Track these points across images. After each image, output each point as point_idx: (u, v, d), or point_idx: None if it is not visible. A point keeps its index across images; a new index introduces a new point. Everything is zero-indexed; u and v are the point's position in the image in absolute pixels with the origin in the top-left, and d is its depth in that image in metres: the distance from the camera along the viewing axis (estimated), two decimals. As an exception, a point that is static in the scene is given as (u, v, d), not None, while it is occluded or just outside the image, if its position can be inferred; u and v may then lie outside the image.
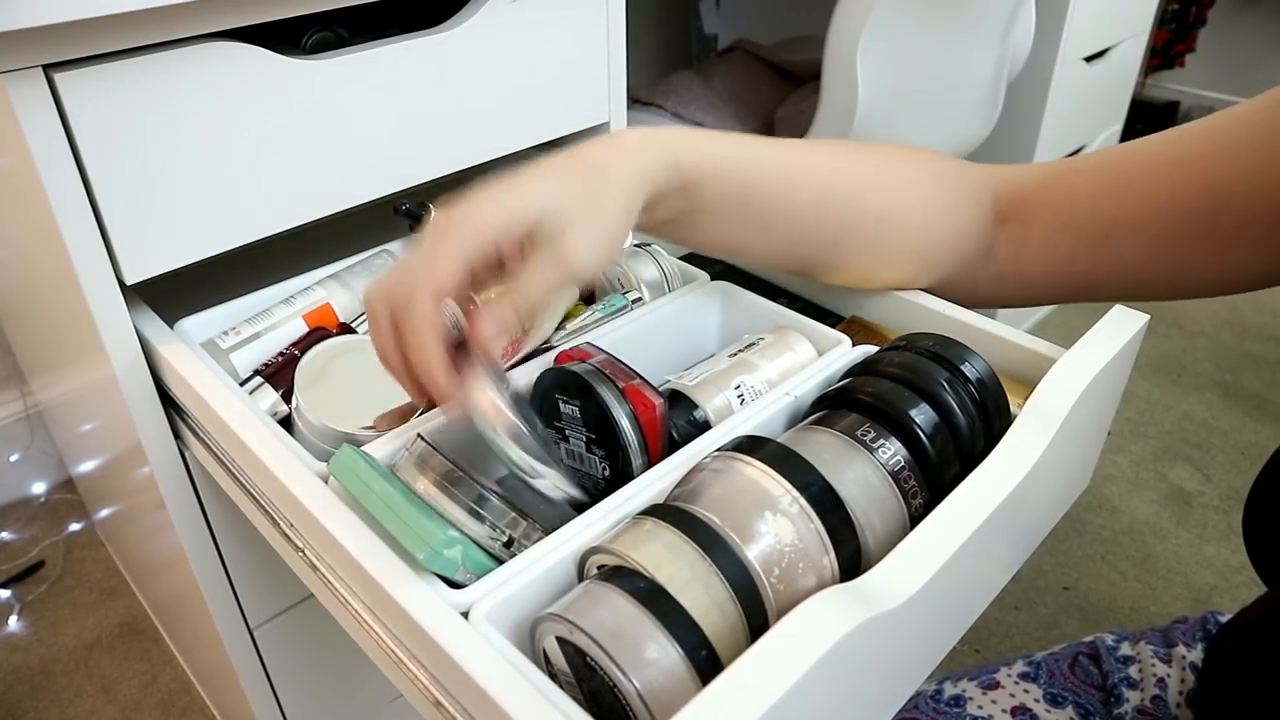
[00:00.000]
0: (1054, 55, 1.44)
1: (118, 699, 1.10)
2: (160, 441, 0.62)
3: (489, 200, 0.42)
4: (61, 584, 1.26)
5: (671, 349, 0.58)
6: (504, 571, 0.38)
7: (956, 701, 0.59)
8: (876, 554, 0.37)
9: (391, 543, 0.39)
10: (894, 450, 0.41)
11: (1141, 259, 0.49)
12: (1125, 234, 0.49)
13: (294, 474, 0.44)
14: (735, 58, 1.40)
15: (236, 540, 0.70)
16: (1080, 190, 0.51)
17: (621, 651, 0.32)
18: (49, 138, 0.50)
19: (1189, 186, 0.47)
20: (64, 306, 0.63)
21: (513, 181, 0.43)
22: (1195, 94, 2.72)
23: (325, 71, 0.59)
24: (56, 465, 1.41)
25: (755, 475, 0.38)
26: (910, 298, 0.55)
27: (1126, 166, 0.50)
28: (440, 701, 0.36)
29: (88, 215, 0.53)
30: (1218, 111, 0.49)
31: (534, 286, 0.42)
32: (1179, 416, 1.63)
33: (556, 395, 0.48)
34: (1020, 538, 0.46)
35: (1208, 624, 0.61)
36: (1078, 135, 1.67)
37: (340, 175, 0.63)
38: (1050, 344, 0.49)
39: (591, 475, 0.48)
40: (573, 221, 0.42)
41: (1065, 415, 0.42)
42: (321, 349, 0.52)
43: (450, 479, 0.41)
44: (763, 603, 0.35)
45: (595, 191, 0.43)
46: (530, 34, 0.69)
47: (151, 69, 0.52)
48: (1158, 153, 0.49)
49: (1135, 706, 0.57)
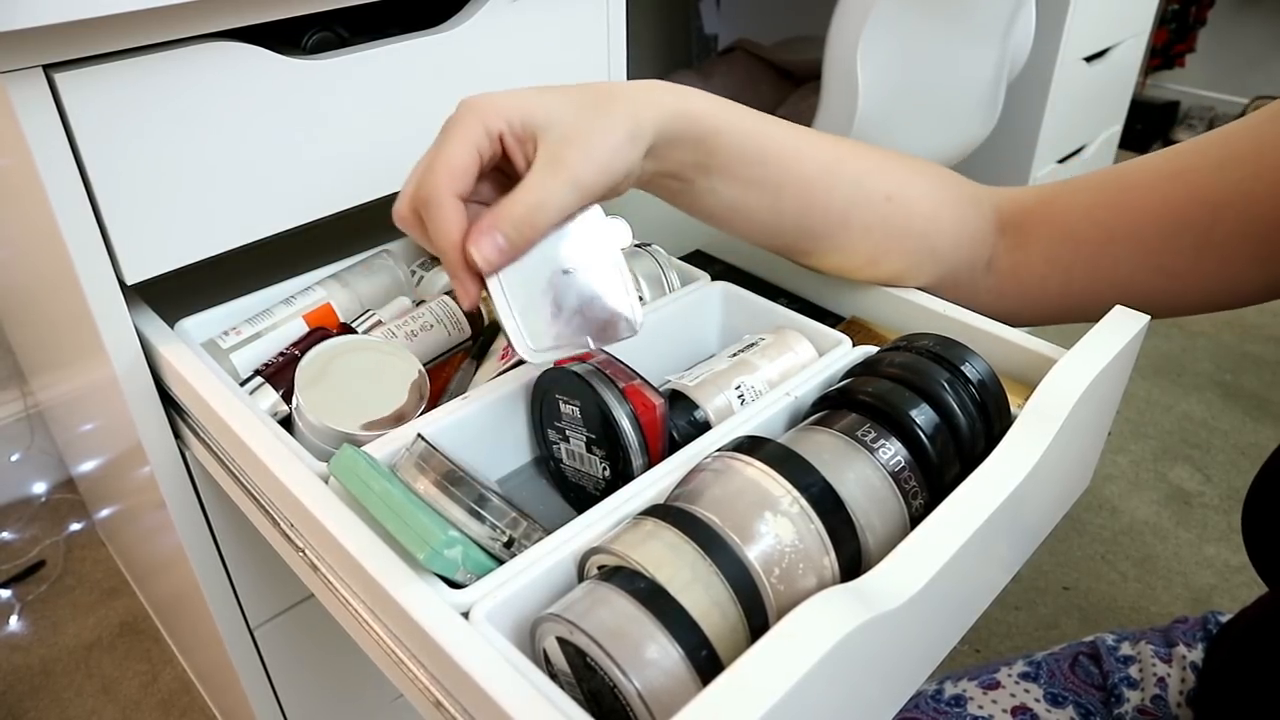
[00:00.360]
0: (1054, 55, 1.44)
1: (118, 699, 1.10)
2: (160, 441, 0.62)
3: (499, 94, 0.44)
4: (62, 584, 1.26)
5: (672, 349, 0.58)
6: (504, 571, 0.38)
7: (957, 701, 0.60)
8: (877, 554, 0.37)
9: (392, 543, 0.39)
10: (894, 450, 0.41)
11: (1139, 272, 0.50)
12: (1121, 247, 0.50)
13: (294, 474, 0.44)
14: (735, 58, 1.40)
15: (237, 540, 0.70)
16: (1077, 206, 0.52)
17: (622, 652, 0.32)
18: (49, 138, 0.50)
19: (1181, 200, 0.48)
20: (64, 306, 0.63)
21: (524, 88, 0.45)
22: (1195, 94, 2.72)
23: (325, 71, 0.59)
24: (57, 465, 1.41)
25: (756, 475, 0.38)
26: (910, 298, 0.55)
27: (1121, 182, 0.51)
28: (440, 702, 0.36)
29: (88, 215, 0.53)
30: (1216, 128, 0.49)
31: (529, 193, 0.43)
32: (1179, 416, 1.63)
33: (556, 395, 0.48)
34: (1020, 538, 0.46)
35: (1208, 624, 0.61)
36: (1078, 135, 1.67)
37: (340, 175, 0.63)
38: (1051, 344, 0.49)
39: (592, 475, 0.48)
40: (575, 135, 0.43)
41: (1066, 416, 0.42)
42: (322, 349, 0.52)
43: (451, 479, 0.41)
44: (763, 603, 0.35)
45: (602, 112, 0.44)
46: (530, 34, 0.69)
47: (151, 69, 0.52)
48: (1152, 168, 0.50)
49: (1136, 706, 0.57)
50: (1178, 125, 2.70)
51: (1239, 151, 0.46)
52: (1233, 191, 0.46)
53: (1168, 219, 0.48)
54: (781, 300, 0.61)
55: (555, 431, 0.50)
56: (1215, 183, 0.47)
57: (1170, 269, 0.49)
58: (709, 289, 0.60)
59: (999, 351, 0.50)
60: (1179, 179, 0.48)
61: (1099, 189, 0.51)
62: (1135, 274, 0.50)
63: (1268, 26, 2.56)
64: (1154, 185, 0.49)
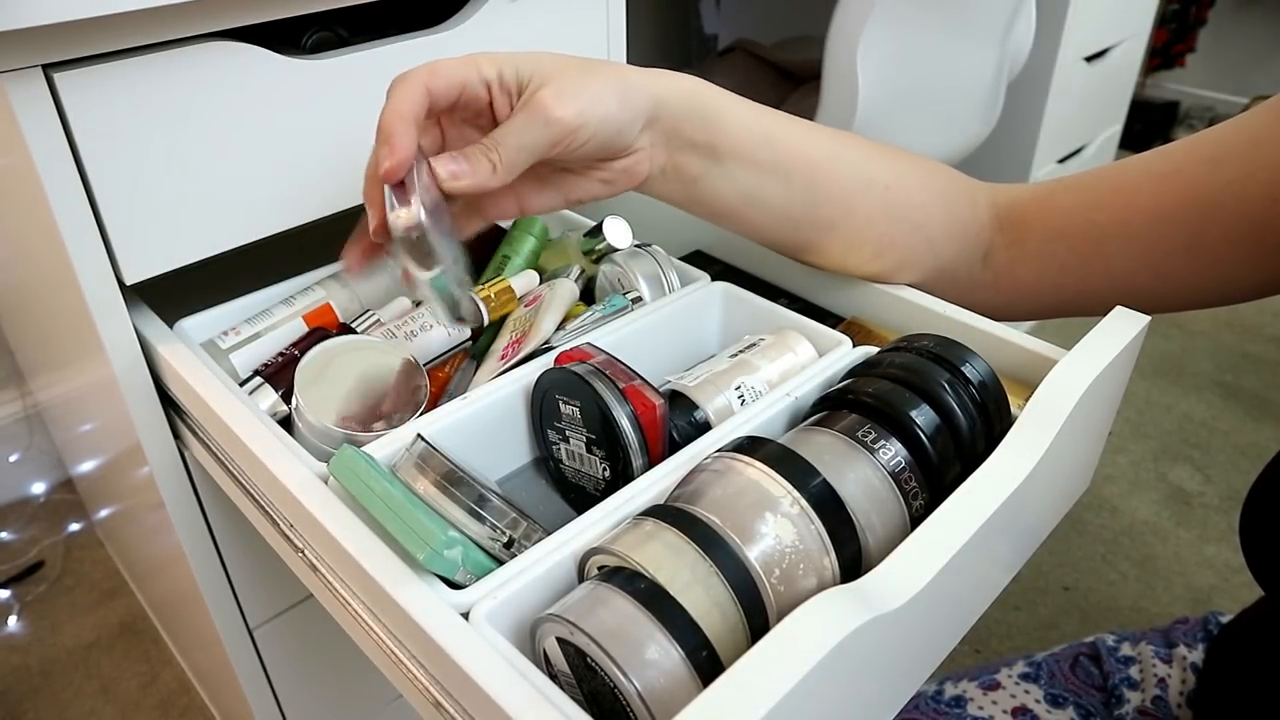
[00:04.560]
0: (1054, 55, 1.44)
1: (117, 699, 1.10)
2: (160, 441, 0.62)
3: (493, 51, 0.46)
4: (61, 584, 1.26)
5: (672, 349, 0.58)
6: (504, 572, 0.38)
7: (957, 702, 0.59)
8: (877, 555, 0.37)
9: (391, 543, 0.38)
10: (895, 451, 0.40)
11: (1132, 269, 0.50)
12: (1115, 245, 0.50)
13: (294, 474, 0.44)
14: (735, 58, 1.40)
15: (236, 540, 0.70)
16: (1071, 203, 0.52)
17: (622, 652, 0.32)
18: (49, 138, 0.50)
19: (1174, 199, 0.48)
20: (64, 306, 0.63)
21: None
22: (1195, 94, 2.72)
23: (325, 71, 0.59)
24: (56, 465, 1.41)
25: (756, 476, 0.38)
26: (910, 298, 0.55)
27: (1115, 181, 0.51)
28: (440, 702, 0.36)
29: (87, 215, 0.53)
30: (1209, 127, 0.49)
31: (506, 133, 0.44)
32: (1179, 416, 1.63)
33: (556, 395, 0.48)
34: (1021, 538, 0.46)
35: (1208, 624, 0.61)
36: (1078, 135, 1.67)
37: (340, 175, 0.63)
38: (1051, 345, 0.49)
39: (592, 476, 0.48)
40: (558, 79, 0.45)
41: (1066, 416, 0.42)
42: (321, 349, 0.52)
43: (451, 479, 0.41)
44: (763, 604, 0.35)
45: (589, 68, 0.46)
46: (530, 34, 0.69)
47: (151, 69, 0.52)
48: (1144, 167, 0.50)
49: (1136, 707, 0.57)
50: (1178, 125, 2.69)
51: (1231, 151, 0.47)
52: (1224, 191, 0.46)
53: (1160, 218, 0.48)
54: (781, 300, 0.61)
55: (555, 432, 0.50)
56: (1207, 182, 0.47)
57: (1163, 267, 0.49)
58: (709, 289, 0.59)
59: (999, 352, 0.50)
60: (1171, 178, 0.48)
61: (1092, 187, 0.52)
62: (1128, 271, 0.50)
63: (1268, 26, 2.56)
64: (1146, 184, 0.49)
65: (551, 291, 0.59)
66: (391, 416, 0.49)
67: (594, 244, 0.65)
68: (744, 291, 0.59)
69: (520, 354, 0.54)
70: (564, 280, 0.60)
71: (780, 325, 0.55)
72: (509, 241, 0.68)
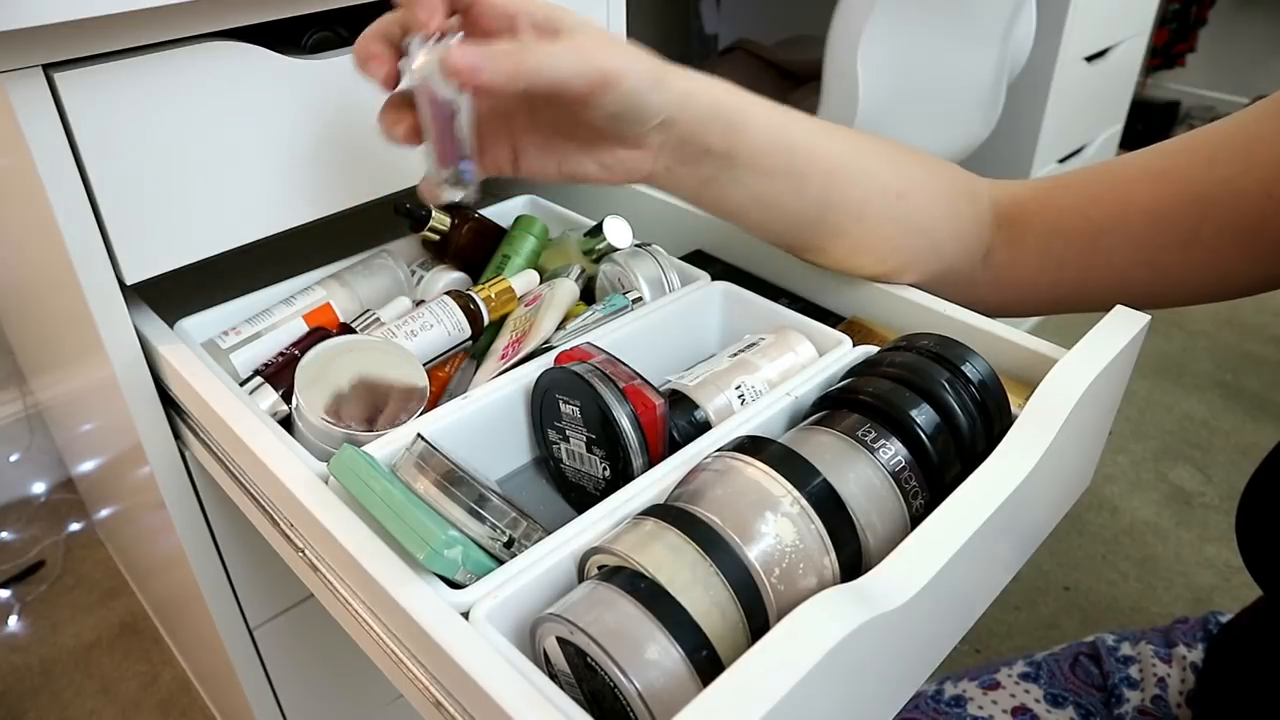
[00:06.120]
0: (1054, 55, 1.44)
1: (118, 699, 1.10)
2: (160, 441, 0.62)
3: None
4: (61, 584, 1.26)
5: (672, 349, 0.58)
6: (504, 572, 0.38)
7: (957, 702, 0.59)
8: (877, 554, 0.37)
9: (392, 543, 0.38)
10: (895, 450, 0.40)
11: (1130, 265, 0.50)
12: (1113, 241, 0.50)
13: (294, 474, 0.44)
14: (735, 58, 1.40)
15: (236, 540, 0.70)
16: (1069, 200, 0.52)
17: (622, 652, 0.32)
18: (49, 138, 0.50)
19: (1170, 196, 0.48)
20: (64, 306, 0.63)
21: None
22: (1195, 94, 2.72)
23: (325, 71, 0.59)
24: (56, 465, 1.41)
25: (756, 476, 0.38)
26: (910, 298, 0.55)
27: (1112, 178, 0.51)
28: (440, 702, 0.36)
29: (87, 215, 0.53)
30: (1205, 125, 0.49)
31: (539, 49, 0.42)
32: (1179, 416, 1.63)
33: (557, 395, 0.48)
34: (1021, 538, 0.46)
35: (1208, 624, 0.61)
36: (1078, 135, 1.66)
37: (340, 175, 0.63)
38: (1051, 344, 0.49)
39: (592, 475, 0.48)
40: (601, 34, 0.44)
41: (1066, 416, 0.42)
42: (321, 349, 0.52)
43: (451, 479, 0.41)
44: (763, 603, 0.35)
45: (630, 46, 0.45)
46: (530, 34, 0.69)
47: (151, 69, 0.52)
48: (1141, 164, 0.50)
49: (1136, 707, 0.57)
50: (1178, 125, 2.69)
51: (1227, 148, 0.47)
52: (1221, 188, 0.46)
53: (1157, 214, 0.48)
54: (782, 300, 0.61)
55: (555, 431, 0.50)
56: (1204, 179, 0.47)
57: (1160, 263, 0.49)
58: (709, 289, 0.59)
59: (999, 351, 0.50)
60: (1168, 175, 0.49)
61: (1090, 184, 0.52)
62: (1125, 268, 0.50)
63: (1268, 26, 2.56)
64: (1143, 181, 0.49)
65: (551, 291, 0.59)
66: (392, 416, 0.49)
67: (594, 244, 0.65)
68: (744, 291, 0.59)
69: (520, 353, 0.54)
70: (564, 280, 0.60)
71: (780, 325, 0.55)
72: (509, 241, 0.68)
